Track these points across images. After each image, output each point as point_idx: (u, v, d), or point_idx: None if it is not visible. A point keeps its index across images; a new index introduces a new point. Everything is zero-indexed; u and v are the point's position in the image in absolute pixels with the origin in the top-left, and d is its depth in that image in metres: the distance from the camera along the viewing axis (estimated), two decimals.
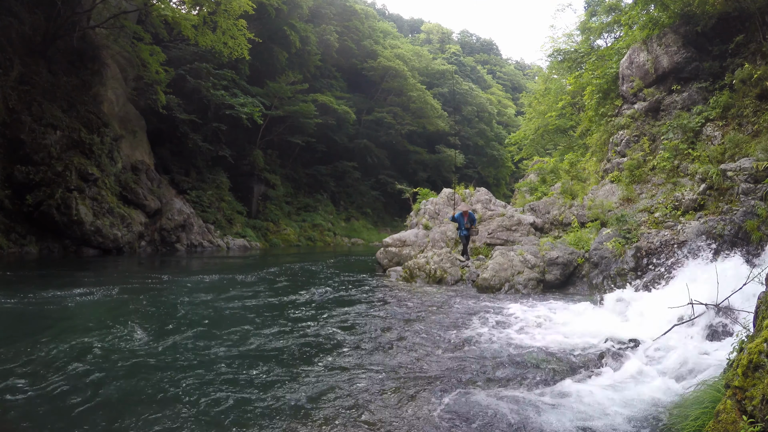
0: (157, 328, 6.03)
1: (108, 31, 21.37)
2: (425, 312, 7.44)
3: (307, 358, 4.96)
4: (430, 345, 5.49)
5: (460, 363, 4.78)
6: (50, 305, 7.34)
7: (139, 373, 4.29)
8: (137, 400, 3.75)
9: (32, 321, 6.40)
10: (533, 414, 3.52)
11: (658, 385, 4.05)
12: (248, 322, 6.49)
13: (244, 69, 30.76)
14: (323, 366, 4.68)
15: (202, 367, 4.50)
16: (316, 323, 6.55)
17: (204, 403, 3.69)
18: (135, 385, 4.04)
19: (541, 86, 28.57)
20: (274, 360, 4.84)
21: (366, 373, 4.48)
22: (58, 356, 4.67)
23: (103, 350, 4.93)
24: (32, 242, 16.15)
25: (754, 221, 7.50)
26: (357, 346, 5.43)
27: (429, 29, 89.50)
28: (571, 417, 3.47)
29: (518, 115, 57.80)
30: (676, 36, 12.12)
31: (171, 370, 4.38)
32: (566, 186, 14.88)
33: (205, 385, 4.05)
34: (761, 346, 2.63)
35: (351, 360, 4.90)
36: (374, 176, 45.28)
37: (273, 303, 8.14)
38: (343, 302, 8.31)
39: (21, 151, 16.53)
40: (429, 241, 13.60)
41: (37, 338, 5.29)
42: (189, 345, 5.24)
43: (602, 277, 9.02)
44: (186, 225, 22.79)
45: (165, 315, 6.86)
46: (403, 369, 4.61)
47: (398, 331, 6.17)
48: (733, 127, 10.31)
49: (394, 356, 5.05)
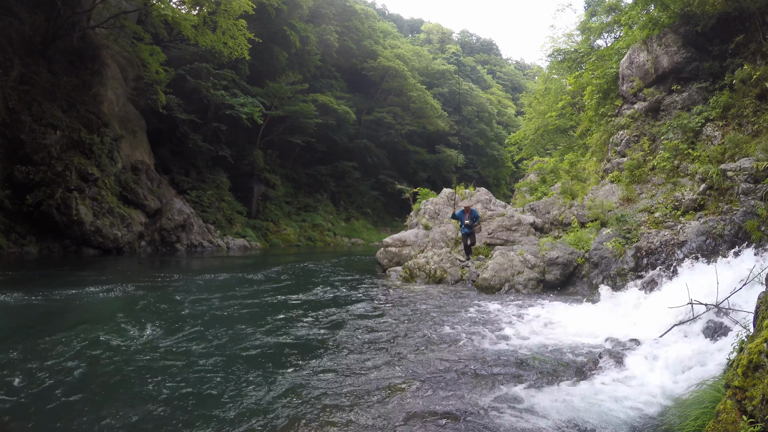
0: (181, 324, 6.04)
1: (108, 31, 21.38)
2: (424, 312, 7.43)
3: (304, 357, 4.96)
4: (428, 345, 5.49)
5: (459, 363, 4.78)
6: (71, 301, 7.36)
7: (153, 369, 4.29)
8: (148, 397, 3.75)
9: (54, 317, 6.41)
10: (532, 414, 3.52)
11: (658, 385, 4.05)
12: (243, 321, 6.49)
13: (244, 69, 30.76)
14: (320, 365, 4.68)
15: (197, 364, 4.50)
16: (315, 323, 6.55)
17: (190, 398, 3.70)
18: (148, 380, 4.05)
19: (541, 86, 28.57)
20: (275, 359, 4.84)
21: (364, 373, 4.48)
22: (74, 351, 4.67)
23: (121, 346, 4.93)
24: (32, 242, 16.16)
25: (754, 221, 7.50)
26: (355, 345, 5.43)
27: (429, 29, 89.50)
28: (571, 417, 3.47)
29: (518, 115, 57.79)
30: (676, 36, 12.12)
31: (187, 366, 4.38)
32: (566, 186, 14.88)
33: (197, 382, 4.05)
34: (761, 346, 2.63)
35: (348, 360, 4.90)
36: (374, 176, 45.28)
37: (272, 302, 8.14)
38: (343, 302, 8.31)
39: (21, 151, 16.53)
40: (429, 241, 13.60)
41: (54, 335, 5.29)
42: (193, 342, 5.25)
43: (602, 277, 9.02)
44: (186, 225, 22.79)
45: (187, 313, 6.87)
46: (400, 369, 4.61)
47: (396, 330, 6.17)
48: (733, 127, 10.31)
49: (392, 356, 5.05)
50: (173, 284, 10.17)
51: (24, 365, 4.41)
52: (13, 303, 7.35)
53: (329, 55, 41.92)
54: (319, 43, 39.39)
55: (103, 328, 5.82)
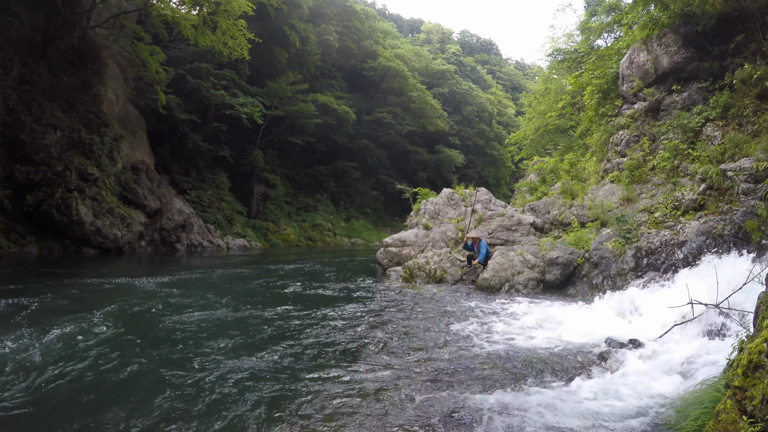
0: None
1: (108, 31, 21.36)
2: (424, 312, 7.43)
3: (302, 357, 4.95)
4: (428, 345, 5.49)
5: (459, 363, 4.78)
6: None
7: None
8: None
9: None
10: (532, 415, 3.52)
11: (658, 385, 4.05)
12: (239, 321, 6.49)
13: (244, 69, 30.76)
14: (317, 365, 4.68)
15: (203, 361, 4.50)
16: (314, 322, 6.54)
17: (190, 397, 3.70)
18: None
19: (541, 86, 28.56)
20: (269, 358, 4.84)
21: (362, 373, 4.48)
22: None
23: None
24: (32, 242, 16.15)
25: (754, 221, 7.50)
26: (353, 345, 5.43)
27: (429, 29, 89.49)
28: (571, 417, 3.47)
29: (518, 115, 57.78)
30: (676, 36, 12.11)
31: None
32: (566, 186, 14.88)
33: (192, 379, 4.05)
34: (761, 346, 2.63)
35: (345, 359, 4.89)
36: (374, 176, 45.26)
37: (271, 302, 8.13)
38: (342, 302, 8.30)
39: (21, 151, 16.53)
40: (429, 241, 13.60)
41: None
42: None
43: (602, 277, 9.02)
44: (186, 225, 22.78)
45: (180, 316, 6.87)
46: (399, 369, 4.61)
47: (396, 330, 6.17)
48: (733, 127, 10.30)
49: (391, 356, 5.05)
50: (160, 281, 10.17)
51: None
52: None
53: (329, 55, 41.89)
54: (319, 43, 39.37)
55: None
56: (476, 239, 11.15)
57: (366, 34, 47.06)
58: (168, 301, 7.87)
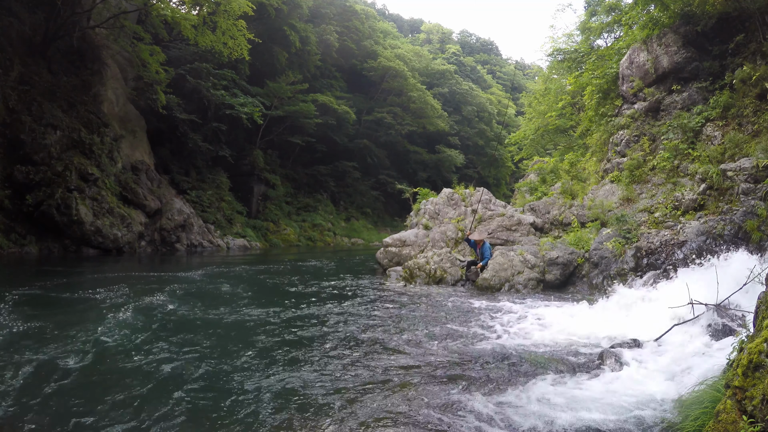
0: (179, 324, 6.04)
1: (108, 31, 21.36)
2: (424, 312, 7.43)
3: (300, 356, 4.95)
4: (427, 345, 5.49)
5: (458, 363, 4.78)
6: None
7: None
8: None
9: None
10: (531, 415, 3.51)
11: (657, 385, 4.05)
12: (238, 321, 6.49)
13: (244, 69, 30.75)
14: (316, 365, 4.68)
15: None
16: (312, 322, 6.54)
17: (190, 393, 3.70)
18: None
19: (541, 86, 28.57)
20: (268, 357, 4.84)
21: (360, 373, 4.48)
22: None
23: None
24: (32, 242, 16.15)
25: (754, 221, 7.50)
26: (351, 345, 5.43)
27: (429, 29, 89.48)
28: (571, 417, 3.47)
29: (518, 115, 57.79)
30: (676, 36, 12.12)
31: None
32: (566, 186, 14.89)
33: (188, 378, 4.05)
34: (761, 346, 2.63)
35: (344, 359, 4.89)
36: (374, 176, 45.25)
37: (270, 302, 8.13)
38: (342, 302, 8.30)
39: (21, 151, 16.53)
40: (429, 241, 13.60)
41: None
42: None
43: (602, 277, 9.02)
44: (186, 225, 22.78)
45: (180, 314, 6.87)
46: (398, 369, 4.61)
47: (395, 330, 6.17)
48: (733, 127, 10.31)
49: (390, 356, 5.05)
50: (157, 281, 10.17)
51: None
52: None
53: (329, 55, 41.89)
54: (319, 43, 39.36)
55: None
56: (479, 241, 10.94)
57: (366, 34, 47.06)
58: (177, 294, 7.87)
